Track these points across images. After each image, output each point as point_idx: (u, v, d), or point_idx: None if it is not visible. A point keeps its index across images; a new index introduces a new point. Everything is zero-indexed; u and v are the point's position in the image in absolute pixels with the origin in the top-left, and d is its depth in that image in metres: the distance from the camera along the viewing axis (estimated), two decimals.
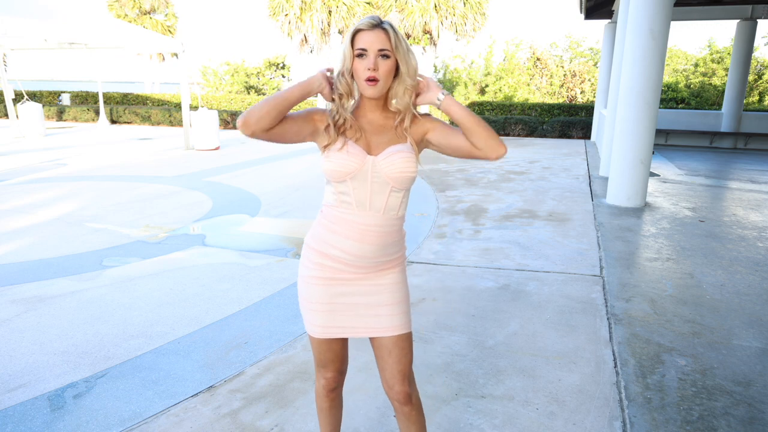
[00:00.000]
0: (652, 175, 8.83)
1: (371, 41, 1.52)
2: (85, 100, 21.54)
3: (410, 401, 1.74)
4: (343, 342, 1.79)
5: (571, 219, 6.04)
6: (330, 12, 18.48)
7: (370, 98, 1.60)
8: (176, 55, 13.47)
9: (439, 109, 1.59)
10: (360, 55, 1.53)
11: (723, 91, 17.21)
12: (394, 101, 1.62)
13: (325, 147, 1.59)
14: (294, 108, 1.55)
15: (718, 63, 22.36)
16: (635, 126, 6.30)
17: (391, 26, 1.55)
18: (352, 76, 1.57)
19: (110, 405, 2.48)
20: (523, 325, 3.32)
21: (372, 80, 1.53)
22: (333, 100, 1.59)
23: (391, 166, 1.57)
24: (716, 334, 3.14)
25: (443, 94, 1.59)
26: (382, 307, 1.68)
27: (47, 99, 21.44)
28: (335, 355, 1.78)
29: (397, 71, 1.58)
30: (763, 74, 21.81)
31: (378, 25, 1.53)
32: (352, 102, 1.61)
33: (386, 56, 1.53)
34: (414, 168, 1.60)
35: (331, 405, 1.90)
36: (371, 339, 1.73)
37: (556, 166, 10.10)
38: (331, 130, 1.59)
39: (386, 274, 1.69)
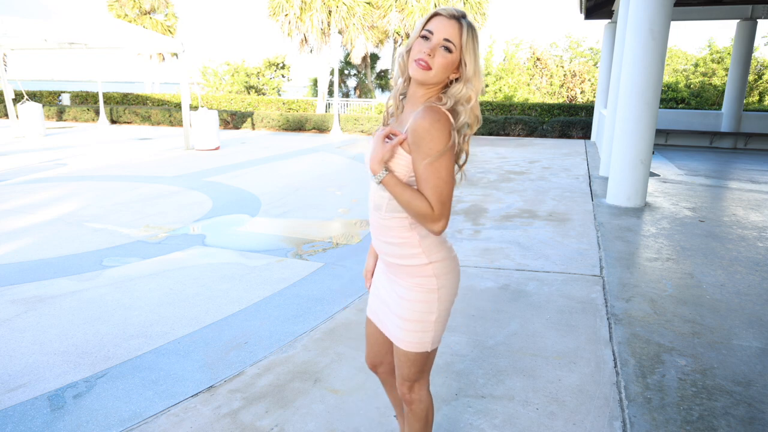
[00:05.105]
0: (652, 175, 8.83)
1: (441, 28, 1.45)
2: (85, 100, 21.54)
3: (409, 404, 1.74)
4: (380, 332, 1.79)
5: (571, 219, 6.04)
6: (330, 12, 18.45)
7: (415, 83, 1.50)
8: (176, 55, 13.47)
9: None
10: (424, 37, 1.46)
11: (723, 91, 17.21)
12: (459, 108, 1.49)
13: None
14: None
15: (718, 63, 22.36)
16: (635, 126, 6.30)
17: (471, 26, 1.47)
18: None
19: (110, 405, 2.48)
20: (523, 325, 3.32)
21: (422, 63, 1.44)
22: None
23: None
24: (716, 334, 3.14)
25: (384, 172, 1.47)
26: (392, 314, 1.65)
27: (47, 99, 21.44)
28: (368, 338, 1.85)
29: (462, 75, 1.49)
30: (763, 74, 21.82)
31: (456, 17, 1.46)
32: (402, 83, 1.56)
33: (449, 49, 1.44)
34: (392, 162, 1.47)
35: (383, 383, 1.96)
36: None
37: (556, 166, 10.09)
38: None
39: (400, 281, 1.61)
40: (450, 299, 1.62)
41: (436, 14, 1.47)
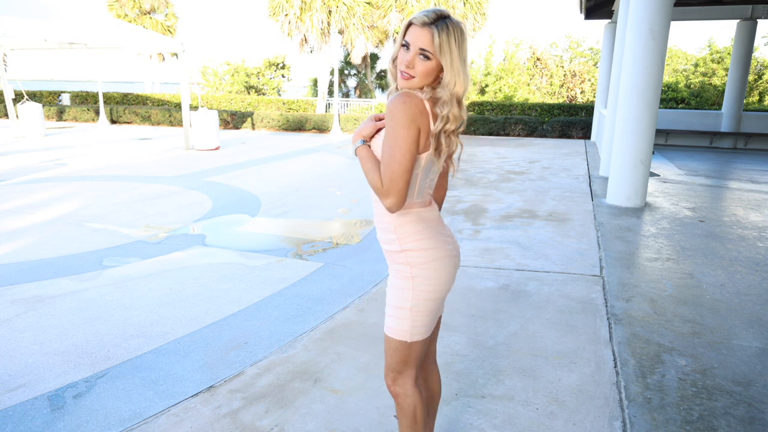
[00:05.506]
0: (652, 175, 8.83)
1: (415, 38, 1.48)
2: (85, 100, 21.54)
3: (395, 397, 1.75)
4: None
5: (571, 219, 6.04)
6: (330, 12, 18.44)
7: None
8: (176, 55, 13.47)
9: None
10: (405, 46, 1.50)
11: (723, 91, 17.20)
12: (437, 110, 1.52)
13: None
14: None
15: (718, 63, 22.35)
16: (635, 126, 6.30)
17: (447, 27, 1.46)
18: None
19: (110, 405, 2.48)
20: (523, 325, 3.32)
21: (405, 74, 1.51)
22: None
23: None
24: (716, 334, 3.14)
25: (360, 143, 1.60)
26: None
27: (47, 99, 21.44)
28: None
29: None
30: (763, 74, 21.82)
31: (429, 23, 1.46)
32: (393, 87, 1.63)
33: (426, 57, 1.48)
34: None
35: None
36: None
37: (556, 166, 10.09)
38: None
39: (389, 266, 1.70)
40: (428, 291, 1.62)
41: (410, 23, 1.50)
